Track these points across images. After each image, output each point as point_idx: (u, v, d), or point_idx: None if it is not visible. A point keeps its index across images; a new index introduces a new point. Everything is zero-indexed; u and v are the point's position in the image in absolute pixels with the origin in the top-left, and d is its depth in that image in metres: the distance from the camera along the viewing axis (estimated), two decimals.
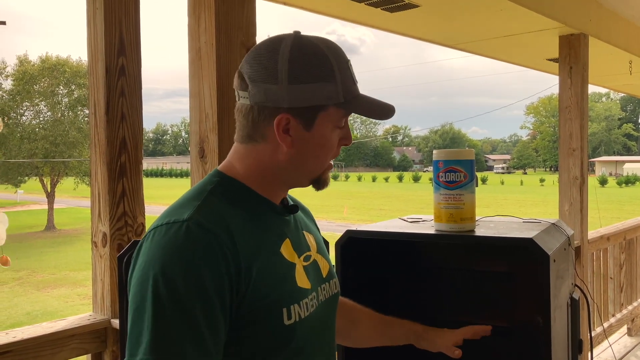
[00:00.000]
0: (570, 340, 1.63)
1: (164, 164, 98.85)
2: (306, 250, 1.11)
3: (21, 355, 1.58)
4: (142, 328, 0.85)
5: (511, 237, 1.47)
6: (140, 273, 0.89)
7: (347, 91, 1.01)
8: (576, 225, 3.64)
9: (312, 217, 1.28)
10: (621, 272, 4.75)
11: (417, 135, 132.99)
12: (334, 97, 1.00)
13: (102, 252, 1.81)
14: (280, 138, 1.00)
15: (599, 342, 4.16)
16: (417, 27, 3.63)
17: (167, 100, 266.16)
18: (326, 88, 0.99)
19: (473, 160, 1.56)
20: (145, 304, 0.86)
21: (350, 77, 1.03)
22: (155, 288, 0.86)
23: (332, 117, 1.02)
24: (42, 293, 13.08)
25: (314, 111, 1.00)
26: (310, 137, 1.01)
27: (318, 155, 1.04)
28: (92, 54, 1.80)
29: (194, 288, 0.86)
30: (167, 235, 0.90)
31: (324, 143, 1.03)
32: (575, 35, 3.60)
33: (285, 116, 0.99)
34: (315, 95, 0.99)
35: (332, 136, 1.04)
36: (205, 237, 0.90)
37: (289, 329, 0.97)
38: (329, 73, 0.99)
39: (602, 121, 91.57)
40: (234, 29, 1.68)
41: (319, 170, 1.06)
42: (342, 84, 1.01)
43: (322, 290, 1.10)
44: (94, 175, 1.82)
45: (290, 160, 1.03)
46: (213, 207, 0.97)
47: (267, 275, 0.96)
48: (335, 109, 1.01)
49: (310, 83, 0.98)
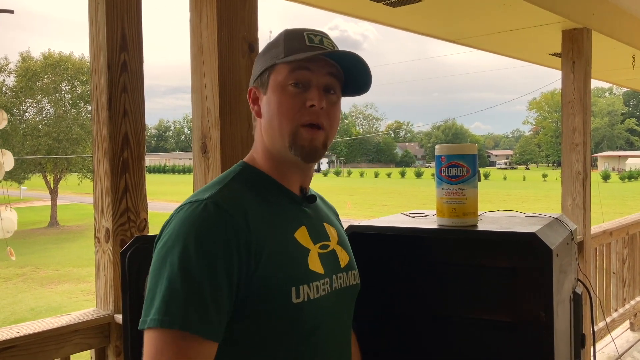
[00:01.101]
0: (572, 335, 1.63)
1: (167, 160, 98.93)
2: (324, 240, 1.16)
3: (25, 350, 1.59)
4: (155, 292, 0.94)
5: (514, 231, 1.47)
6: (162, 244, 0.98)
7: (290, 49, 1.11)
8: (579, 220, 3.64)
9: (337, 215, 1.36)
10: (624, 267, 4.74)
11: (420, 131, 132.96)
12: (276, 57, 1.11)
13: (105, 247, 1.82)
14: (253, 112, 1.15)
15: (602, 337, 4.16)
16: (419, 22, 3.62)
17: (170, 97, 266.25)
18: (271, 52, 1.13)
19: (475, 154, 1.56)
20: (161, 271, 0.95)
21: (300, 40, 1.11)
22: (172, 258, 0.95)
23: (278, 73, 1.11)
24: (46, 289, 13.12)
25: (265, 75, 1.13)
26: (268, 99, 1.11)
27: (278, 114, 1.09)
28: (94, 50, 1.80)
29: (205, 261, 0.94)
30: (187, 211, 1.00)
31: (280, 101, 1.10)
32: (578, 29, 3.59)
33: (252, 90, 1.16)
34: (264, 61, 1.14)
35: (285, 92, 1.10)
36: (220, 215, 0.99)
37: (297, 308, 1.02)
38: (275, 43, 1.14)
39: (605, 116, 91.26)
40: (235, 23, 1.68)
41: (287, 128, 1.09)
42: (286, 45, 1.11)
43: (337, 278, 1.14)
44: (97, 171, 1.83)
45: (266, 129, 1.12)
46: (233, 190, 1.06)
47: (278, 256, 1.02)
48: (281, 66, 1.10)
49: (262, 56, 1.16)
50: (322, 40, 1.12)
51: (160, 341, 0.91)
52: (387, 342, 1.66)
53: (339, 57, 1.11)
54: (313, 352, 1.07)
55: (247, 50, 1.71)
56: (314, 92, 1.09)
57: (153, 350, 0.91)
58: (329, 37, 1.16)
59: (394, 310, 1.62)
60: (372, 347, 1.48)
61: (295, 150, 1.09)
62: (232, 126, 1.68)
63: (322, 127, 1.10)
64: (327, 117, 1.11)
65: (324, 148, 1.11)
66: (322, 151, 1.11)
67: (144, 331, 0.94)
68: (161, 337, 0.91)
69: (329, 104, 1.11)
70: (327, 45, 1.12)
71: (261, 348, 1.02)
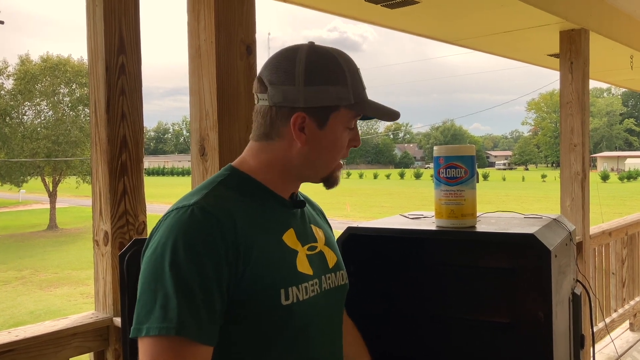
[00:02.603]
0: (572, 336, 1.63)
1: (166, 163, 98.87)
2: (312, 241, 1.17)
3: (24, 353, 1.59)
4: (147, 300, 0.95)
5: (512, 232, 1.47)
6: (151, 251, 0.99)
7: (357, 94, 1.11)
8: (578, 221, 3.64)
9: (324, 215, 1.37)
10: (623, 268, 4.74)
11: (419, 132, 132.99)
12: (345, 99, 1.09)
13: (103, 250, 1.81)
14: (295, 135, 1.09)
15: (601, 337, 4.16)
16: (417, 24, 3.62)
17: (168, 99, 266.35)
18: (338, 90, 1.09)
19: (474, 156, 1.56)
20: (152, 278, 0.96)
21: (360, 83, 1.13)
22: (161, 265, 0.96)
23: (343, 118, 1.11)
24: (45, 292, 13.10)
25: (327, 111, 1.09)
26: (322, 136, 1.10)
27: (329, 152, 1.12)
28: (92, 53, 1.80)
29: (194, 267, 0.95)
30: (174, 218, 1.00)
31: (335, 142, 1.12)
32: (576, 30, 3.59)
33: (301, 115, 1.09)
34: (328, 96, 1.09)
35: (342, 136, 1.12)
36: (207, 219, 0.99)
37: (286, 309, 1.04)
38: (341, 77, 1.10)
39: (603, 116, 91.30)
40: (233, 26, 1.68)
41: (330, 167, 1.15)
42: (353, 87, 1.10)
43: (326, 279, 1.16)
44: (95, 174, 1.82)
45: (303, 156, 1.11)
46: (219, 194, 1.06)
47: (266, 259, 1.03)
48: (346, 110, 1.10)
49: (324, 85, 1.08)
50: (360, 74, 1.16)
51: (156, 348, 0.92)
52: (386, 342, 1.66)
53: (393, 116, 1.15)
54: (304, 352, 1.09)
55: (245, 52, 1.71)
56: (357, 133, 1.16)
57: (149, 357, 0.92)
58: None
59: (392, 311, 1.62)
60: (371, 348, 1.48)
61: (326, 182, 1.16)
62: (230, 128, 1.68)
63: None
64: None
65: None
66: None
67: (138, 339, 0.94)
68: (157, 344, 0.92)
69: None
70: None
71: (252, 349, 1.03)
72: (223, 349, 1.00)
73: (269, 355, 1.05)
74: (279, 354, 1.05)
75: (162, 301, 0.93)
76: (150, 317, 0.93)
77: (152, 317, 0.92)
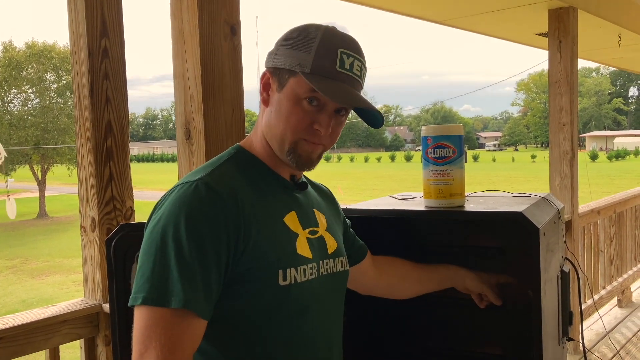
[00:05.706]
0: (560, 313, 1.64)
1: (155, 149, 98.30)
2: (313, 226, 1.17)
3: (13, 341, 1.58)
4: (146, 270, 0.96)
5: (501, 211, 1.47)
6: (154, 223, 1.00)
7: (318, 66, 1.06)
8: (567, 200, 3.66)
9: (334, 202, 1.36)
10: (611, 245, 4.79)
11: (409, 115, 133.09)
12: (302, 65, 1.06)
13: (91, 237, 1.80)
14: (260, 93, 1.12)
15: (590, 314, 4.21)
16: (405, 4, 3.59)
17: (157, 84, 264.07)
18: (301, 56, 1.07)
19: (462, 135, 1.56)
20: (153, 250, 0.97)
21: (332, 60, 1.06)
22: (164, 237, 0.97)
23: (299, 86, 1.07)
24: (37, 280, 13.06)
25: (286, 74, 1.08)
26: (280, 99, 1.09)
27: (286, 120, 1.08)
28: (74, 37, 1.77)
29: (195, 242, 0.96)
30: (179, 192, 1.02)
31: (291, 110, 1.08)
32: (564, 8, 3.58)
33: (267, 74, 1.12)
34: (291, 60, 1.07)
35: (300, 106, 1.08)
36: (210, 196, 1.00)
37: (284, 290, 1.04)
38: (310, 45, 1.07)
39: (592, 96, 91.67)
40: (217, 6, 1.65)
41: (289, 138, 1.09)
42: (317, 58, 1.06)
43: (324, 264, 1.16)
44: (81, 160, 1.80)
45: (268, 126, 1.11)
46: (224, 172, 1.07)
47: (266, 239, 1.04)
48: (302, 79, 1.06)
49: (291, 49, 1.08)
50: (352, 64, 1.08)
51: (151, 317, 0.93)
52: (377, 323, 1.66)
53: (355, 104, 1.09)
54: (300, 333, 1.09)
55: (229, 33, 1.69)
56: (324, 117, 1.08)
57: (143, 325, 0.93)
58: (362, 56, 1.10)
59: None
60: (358, 327, 1.48)
61: (292, 158, 1.10)
62: (215, 111, 1.66)
63: (322, 143, 1.12)
64: (329, 137, 1.11)
65: (318, 159, 1.14)
66: (316, 162, 1.14)
67: (134, 307, 0.95)
68: (152, 313, 0.93)
69: (336, 125, 1.11)
70: (356, 71, 1.08)
71: (249, 328, 1.04)
72: (216, 327, 1.01)
73: (267, 334, 1.06)
74: (276, 334, 1.06)
75: (161, 273, 0.94)
76: (148, 288, 0.94)
77: (151, 287, 0.94)
